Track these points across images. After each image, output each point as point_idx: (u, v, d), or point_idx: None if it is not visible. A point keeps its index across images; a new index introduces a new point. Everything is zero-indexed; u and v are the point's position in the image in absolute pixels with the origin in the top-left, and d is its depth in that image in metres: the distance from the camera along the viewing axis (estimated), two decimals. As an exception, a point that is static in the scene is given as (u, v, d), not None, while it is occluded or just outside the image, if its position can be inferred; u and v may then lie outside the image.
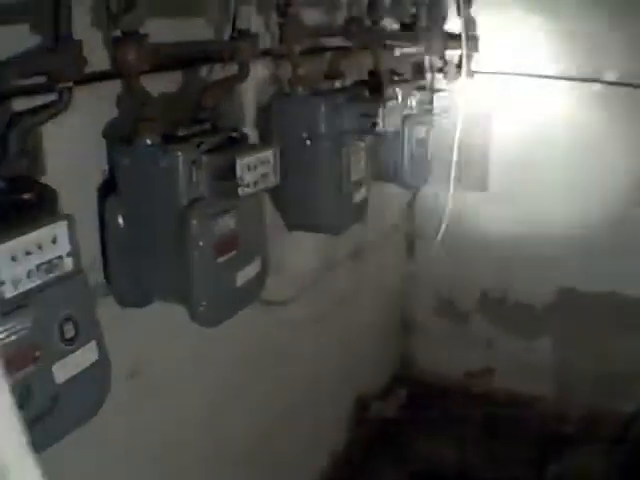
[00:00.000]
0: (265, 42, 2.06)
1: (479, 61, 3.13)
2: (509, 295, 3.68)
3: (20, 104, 1.34)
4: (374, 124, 1.94)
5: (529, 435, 3.45)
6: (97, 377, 1.36)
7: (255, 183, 1.47)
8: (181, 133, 1.54)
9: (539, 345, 3.64)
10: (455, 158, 2.66)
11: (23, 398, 1.17)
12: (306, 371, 2.80)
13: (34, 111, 1.32)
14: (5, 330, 1.14)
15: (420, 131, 2.58)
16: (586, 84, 3.06)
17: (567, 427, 3.50)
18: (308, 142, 1.92)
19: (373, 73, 2.42)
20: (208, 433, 2.17)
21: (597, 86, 3.07)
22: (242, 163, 1.43)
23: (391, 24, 2.53)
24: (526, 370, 3.60)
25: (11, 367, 1.14)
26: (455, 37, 2.80)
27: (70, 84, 1.35)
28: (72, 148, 1.51)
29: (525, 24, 3.13)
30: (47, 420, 1.23)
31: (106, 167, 1.63)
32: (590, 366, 3.45)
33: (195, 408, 2.09)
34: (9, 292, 1.12)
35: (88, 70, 1.41)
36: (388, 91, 2.36)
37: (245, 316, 1.77)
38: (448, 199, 2.71)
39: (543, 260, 3.40)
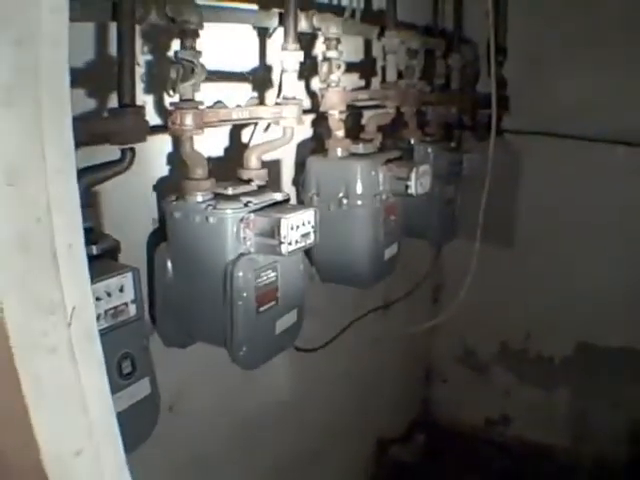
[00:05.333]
0: (306, 103, 2.20)
1: (510, 120, 3.20)
2: (529, 347, 3.74)
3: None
4: (407, 187, 2.07)
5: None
6: (147, 410, 1.49)
7: (297, 242, 1.57)
8: (230, 192, 1.65)
9: (556, 395, 3.69)
10: (481, 217, 2.74)
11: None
12: (330, 411, 2.86)
13: (97, 168, 1.43)
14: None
15: (449, 191, 2.69)
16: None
17: (581, 476, 3.56)
18: (345, 201, 2.05)
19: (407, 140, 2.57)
20: (235, 467, 2.26)
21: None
22: (286, 223, 1.53)
23: (424, 86, 2.63)
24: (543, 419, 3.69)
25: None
26: (486, 97, 2.89)
27: (133, 146, 1.46)
28: (126, 198, 1.64)
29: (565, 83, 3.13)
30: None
31: (156, 216, 1.77)
32: (606, 416, 3.49)
33: (224, 442, 2.18)
34: (78, 335, 1.25)
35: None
36: (419, 153, 2.50)
37: (278, 360, 1.86)
38: (473, 254, 2.78)
39: (563, 314, 3.45)
